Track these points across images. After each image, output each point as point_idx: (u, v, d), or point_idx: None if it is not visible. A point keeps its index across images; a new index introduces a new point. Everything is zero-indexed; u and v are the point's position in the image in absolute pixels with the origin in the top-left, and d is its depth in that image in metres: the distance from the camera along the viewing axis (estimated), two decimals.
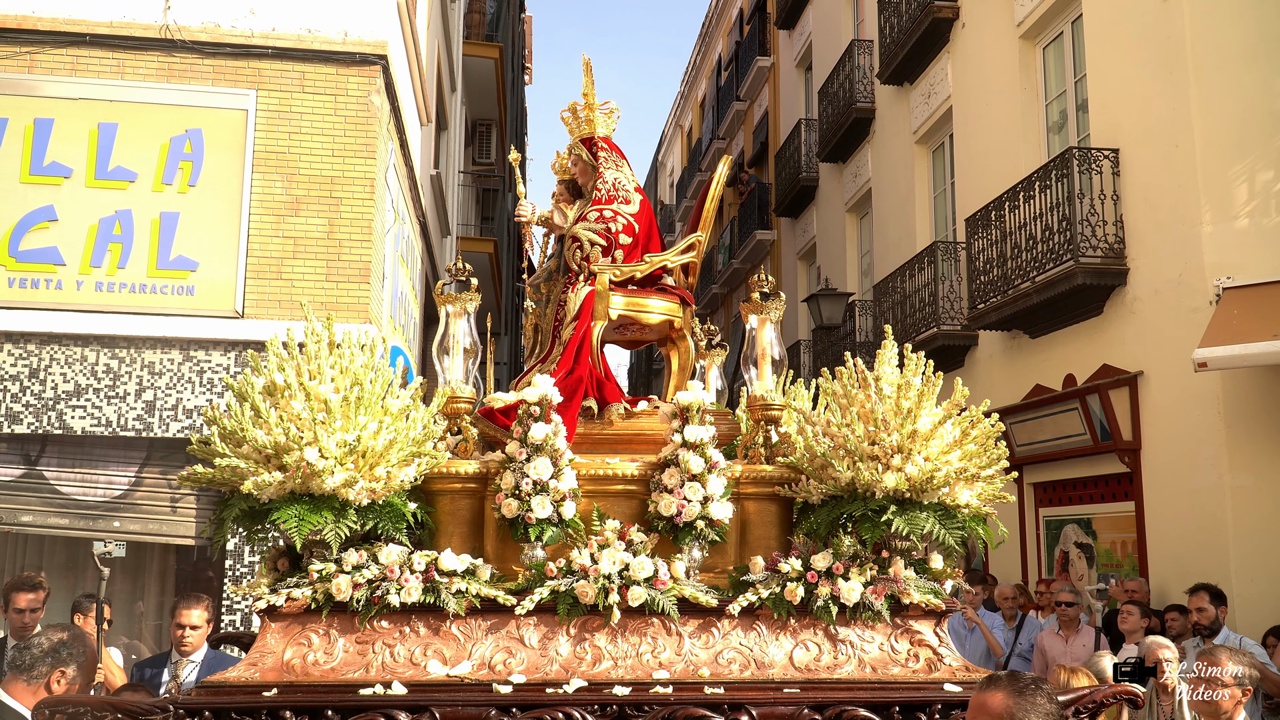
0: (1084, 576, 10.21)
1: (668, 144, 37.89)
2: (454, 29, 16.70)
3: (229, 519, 3.63)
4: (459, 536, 3.93)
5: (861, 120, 15.66)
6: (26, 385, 8.27)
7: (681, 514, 3.81)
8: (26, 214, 8.42)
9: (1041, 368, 10.60)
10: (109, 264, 8.45)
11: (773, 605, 3.73)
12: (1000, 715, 2.67)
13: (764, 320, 4.35)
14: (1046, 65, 11.28)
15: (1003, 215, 10.65)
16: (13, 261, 8.37)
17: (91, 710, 3.38)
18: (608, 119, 4.83)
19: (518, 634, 3.70)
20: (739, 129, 24.91)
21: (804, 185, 18.53)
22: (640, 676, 3.59)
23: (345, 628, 3.68)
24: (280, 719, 3.35)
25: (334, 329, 3.80)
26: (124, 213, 8.52)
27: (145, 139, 8.62)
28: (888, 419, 3.76)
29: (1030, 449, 10.83)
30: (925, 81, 13.68)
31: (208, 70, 8.84)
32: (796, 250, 19.76)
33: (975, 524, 3.83)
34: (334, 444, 3.52)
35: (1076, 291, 9.46)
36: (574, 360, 4.35)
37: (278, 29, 8.98)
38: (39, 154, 8.51)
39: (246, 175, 8.72)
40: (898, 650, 3.78)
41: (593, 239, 4.52)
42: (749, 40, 23.53)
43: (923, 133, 13.83)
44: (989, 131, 11.91)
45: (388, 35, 9.27)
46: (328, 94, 8.97)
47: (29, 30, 8.65)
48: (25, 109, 8.56)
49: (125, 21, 8.77)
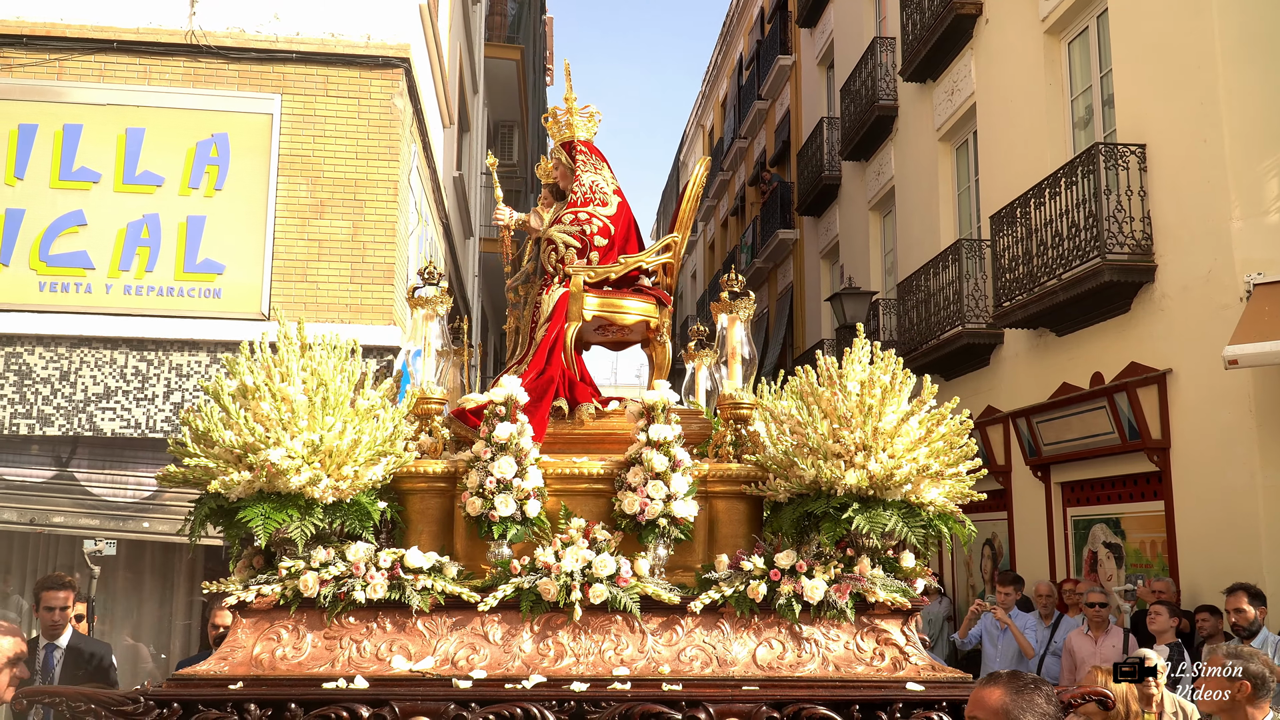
0: (1113, 577, 10.12)
1: (689, 144, 37.86)
2: (475, 31, 16.75)
3: (199, 517, 3.72)
4: (429, 535, 4.00)
5: (884, 118, 15.58)
6: (57, 388, 8.36)
7: (644, 512, 3.84)
8: (57, 219, 8.52)
9: (1068, 366, 10.51)
10: (137, 267, 8.53)
11: (735, 603, 3.75)
12: (996, 712, 2.69)
13: (733, 319, 4.40)
14: (1071, 60, 11.19)
15: (1028, 212, 10.57)
16: (43, 266, 8.46)
17: (67, 699, 3.48)
18: (588, 122, 4.88)
19: (482, 630, 3.76)
20: (761, 128, 24.85)
21: (826, 184, 18.47)
22: (601, 673, 3.62)
23: (313, 624, 3.75)
24: (245, 711, 3.42)
25: (304, 331, 3.87)
26: (151, 217, 8.60)
27: (172, 144, 8.70)
28: (849, 416, 3.75)
29: (1057, 448, 10.75)
30: (948, 78, 13.60)
31: (233, 75, 8.91)
32: (819, 249, 19.69)
33: (941, 522, 3.81)
34: (300, 444, 3.59)
35: (1103, 289, 9.37)
36: (546, 361, 4.40)
37: (301, 33, 9.04)
38: (68, 159, 8.60)
39: (271, 179, 8.78)
40: (863, 649, 3.77)
41: (567, 241, 4.57)
42: (770, 39, 23.47)
43: (946, 130, 13.75)
44: (1013, 128, 11.83)
45: (410, 38, 9.31)
46: (351, 97, 9.03)
47: (57, 37, 8.74)
48: (54, 115, 8.65)
49: (151, 28, 8.84)
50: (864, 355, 3.94)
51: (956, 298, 12.24)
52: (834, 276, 18.81)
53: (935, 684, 3.62)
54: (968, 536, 3.96)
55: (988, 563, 12.80)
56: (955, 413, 3.90)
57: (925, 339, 12.92)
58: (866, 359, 3.93)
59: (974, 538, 4.06)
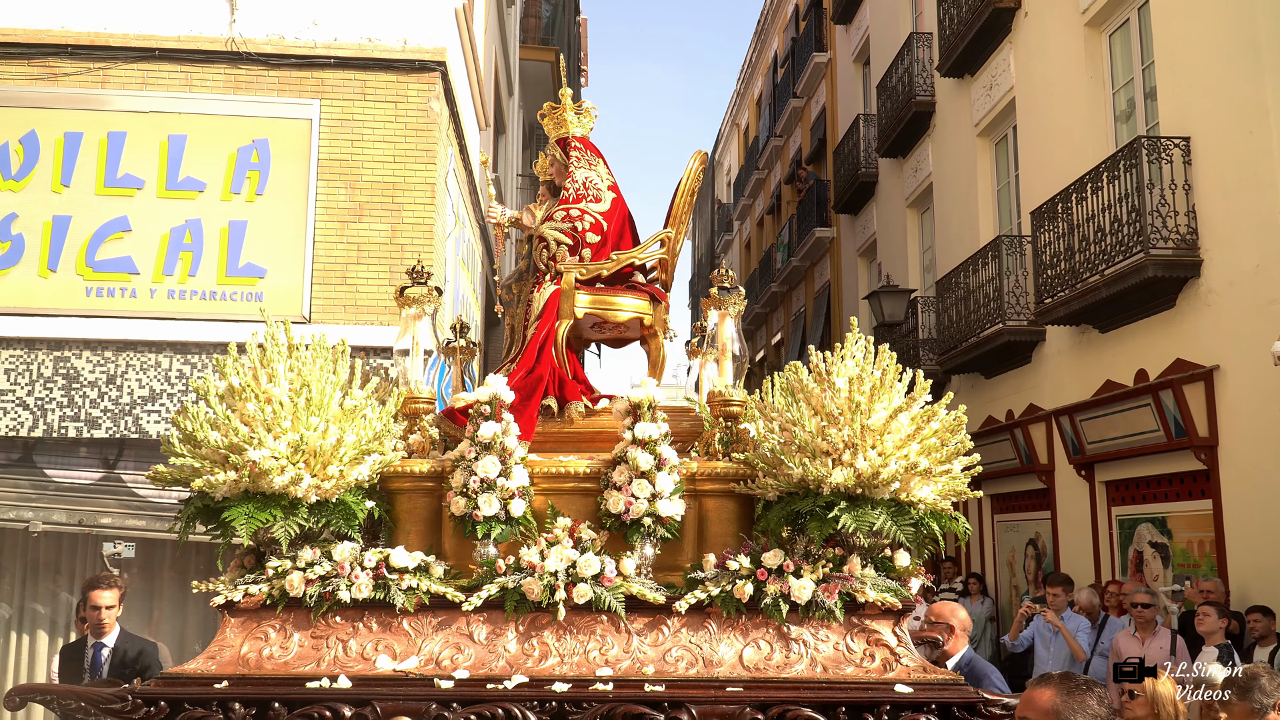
0: (1159, 577, 9.98)
1: (724, 143, 37.78)
2: (510, 33, 16.82)
3: (186, 516, 3.76)
4: (416, 534, 4.00)
5: (921, 114, 15.46)
6: (104, 391, 8.49)
7: (629, 511, 3.80)
8: (102, 225, 8.65)
9: (1112, 363, 10.37)
10: (180, 272, 8.64)
11: (721, 603, 3.71)
12: (1047, 712, 2.67)
13: (724, 315, 4.33)
14: (1113, 52, 11.05)
15: (1069, 207, 10.45)
16: (90, 271, 8.60)
17: (57, 698, 3.52)
18: (582, 118, 4.85)
19: (467, 630, 3.75)
20: (796, 126, 24.75)
21: (863, 181, 18.36)
22: (584, 673, 3.60)
23: (301, 623, 3.77)
24: (230, 710, 3.44)
25: (291, 332, 3.89)
26: (194, 222, 8.71)
27: (214, 150, 8.80)
28: (836, 413, 3.69)
29: (1101, 446, 10.61)
30: (987, 73, 13.48)
31: (273, 81, 9.00)
32: (856, 247, 19.58)
33: (932, 520, 3.74)
34: (284, 444, 3.61)
35: (1147, 284, 9.25)
36: (535, 359, 4.38)
37: (339, 39, 9.12)
38: (112, 167, 8.73)
39: (311, 183, 8.86)
40: (853, 650, 3.71)
41: (559, 238, 4.56)
42: (805, 36, 23.36)
43: (985, 125, 13.62)
44: (1054, 122, 11.70)
45: (446, 42, 9.37)
46: (388, 101, 9.09)
47: (100, 46, 8.88)
48: (98, 123, 8.79)
49: (193, 35, 8.96)
50: (856, 351, 3.86)
51: (997, 295, 12.12)
52: (871, 274, 18.70)
53: (925, 686, 3.55)
54: (964, 534, 3.91)
55: (1031, 563, 12.67)
56: (951, 408, 3.83)
57: (965, 337, 12.81)
58: (858, 355, 3.85)
59: (969, 535, 3.98)
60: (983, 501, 13.99)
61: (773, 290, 25.62)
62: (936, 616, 5.68)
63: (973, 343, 12.57)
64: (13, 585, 8.88)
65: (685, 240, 5.05)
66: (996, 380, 13.00)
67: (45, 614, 8.88)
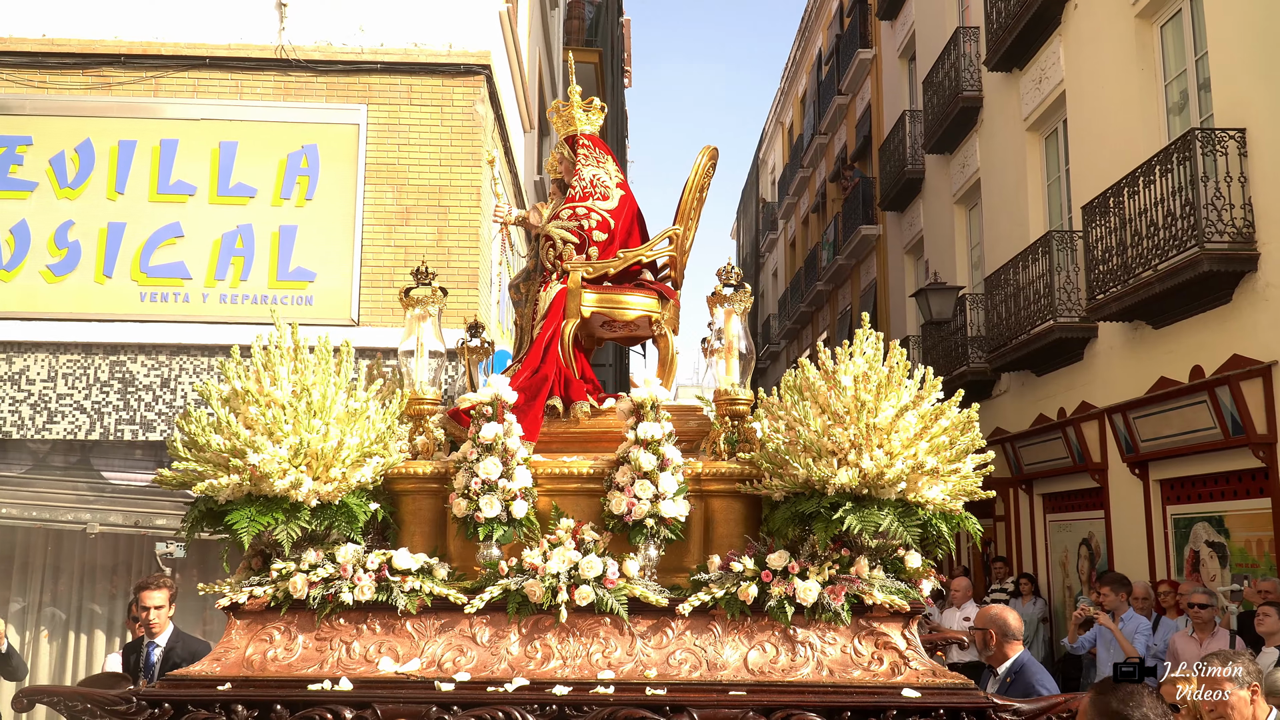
0: (1216, 577, 9.79)
1: (768, 141, 37.64)
2: (554, 35, 16.88)
3: (190, 519, 3.78)
4: (421, 536, 3.98)
5: (969, 109, 15.30)
6: (159, 394, 8.64)
7: (631, 512, 3.74)
8: (155, 231, 8.82)
9: (1166, 359, 10.19)
10: (232, 277, 8.78)
11: (726, 605, 3.64)
12: (1105, 714, 2.68)
13: (730, 313, 4.24)
14: (1164, 44, 10.86)
15: (1121, 201, 10.28)
16: (144, 277, 8.76)
17: (64, 699, 3.56)
18: (590, 116, 4.82)
19: (470, 632, 3.73)
20: (841, 123, 24.60)
21: (909, 178, 18.20)
22: (586, 676, 3.55)
23: (305, 625, 3.77)
24: (233, 712, 3.45)
25: (297, 336, 3.92)
26: (245, 227, 8.84)
27: (264, 156, 8.93)
28: (841, 412, 3.61)
29: (1156, 444, 10.43)
30: (1035, 66, 13.30)
31: (321, 87, 9.11)
32: (903, 244, 19.41)
33: (941, 521, 3.64)
34: (285, 447, 3.61)
35: (1202, 279, 9.07)
36: (541, 358, 4.33)
37: (386, 44, 9.21)
38: (165, 173, 8.89)
39: (359, 187, 8.96)
40: (861, 653, 3.63)
41: (565, 236, 4.51)
42: (849, 33, 23.21)
43: (1034, 119, 13.45)
44: (1105, 115, 11.52)
45: (490, 45, 9.43)
46: (434, 105, 9.17)
47: (153, 55, 9.04)
48: (151, 131, 8.95)
49: (242, 44, 9.09)
50: (865, 348, 3.77)
51: (1047, 291, 11.96)
52: (918, 272, 18.53)
53: (933, 690, 3.47)
54: (978, 534, 3.85)
55: (1084, 563, 12.49)
56: (963, 407, 3.72)
57: (1015, 334, 12.65)
58: (868, 353, 3.77)
59: (979, 536, 3.91)
60: (1034, 501, 13.82)
61: (818, 289, 25.48)
62: (986, 620, 5.61)
63: (1023, 340, 12.42)
64: (70, 586, 9.07)
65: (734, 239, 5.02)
66: (1048, 378, 12.83)
67: (103, 614, 9.06)
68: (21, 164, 8.87)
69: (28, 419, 8.62)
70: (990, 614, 5.61)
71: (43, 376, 8.68)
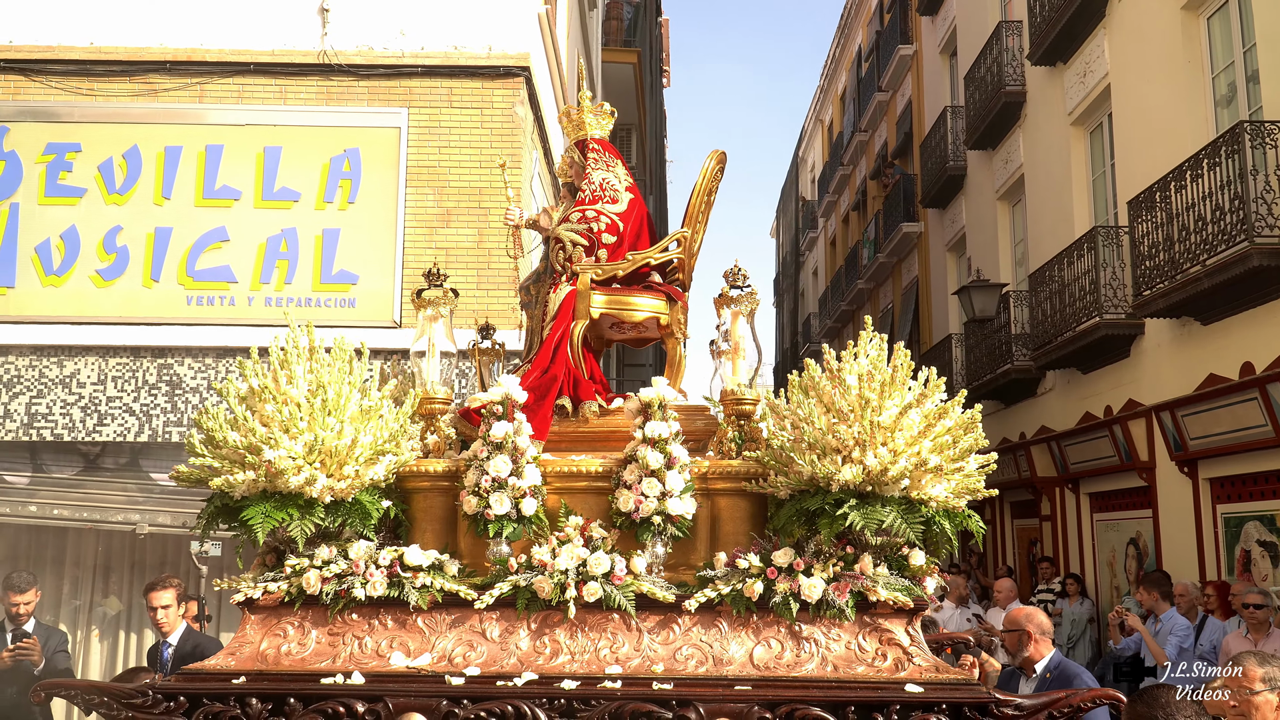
0: (1268, 576, 9.62)
1: (808, 139, 37.48)
2: (592, 36, 16.92)
3: (206, 515, 3.86)
4: (432, 533, 4.03)
5: (1011, 104, 15.14)
6: (205, 396, 8.77)
7: (639, 509, 3.78)
8: (201, 235, 8.95)
9: (1215, 356, 10.03)
10: (277, 280, 8.89)
11: (731, 602, 3.68)
12: (1142, 716, 2.69)
13: (736, 314, 4.28)
14: (1211, 36, 10.68)
15: (1168, 196, 10.13)
16: (190, 281, 8.90)
17: (80, 693, 3.63)
18: (600, 120, 4.87)
19: (480, 628, 3.77)
20: (881, 120, 24.45)
21: (951, 174, 18.05)
22: (594, 671, 3.58)
23: (318, 620, 3.82)
24: (247, 705, 3.50)
25: (313, 335, 3.96)
26: (289, 231, 8.95)
27: (307, 160, 9.04)
28: (845, 410, 3.64)
29: (1205, 442, 10.27)
30: (1080, 60, 13.14)
31: (362, 92, 9.20)
32: (945, 242, 19.25)
33: (943, 519, 3.67)
34: (300, 445, 3.66)
35: (1252, 274, 8.91)
36: (550, 359, 4.38)
37: (426, 48, 9.29)
38: (211, 179, 9.02)
39: (400, 190, 9.04)
40: (865, 649, 3.66)
41: (574, 239, 4.56)
42: (890, 29, 23.06)
43: (1078, 113, 13.29)
44: (1151, 109, 11.36)
45: (530, 47, 9.47)
46: (474, 107, 9.23)
47: (198, 62, 9.18)
48: (197, 137, 9.09)
49: (286, 50, 9.21)
50: (869, 347, 3.80)
51: (1093, 287, 11.82)
52: (961, 269, 18.37)
53: (936, 686, 3.49)
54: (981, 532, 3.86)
55: (1132, 563, 12.32)
56: (968, 406, 3.75)
57: (1060, 331, 12.51)
58: (872, 352, 3.79)
59: (983, 533, 3.92)
60: (1081, 500, 13.65)
61: (859, 287, 25.34)
62: (1012, 622, 5.53)
63: (1068, 337, 12.27)
64: (121, 585, 9.23)
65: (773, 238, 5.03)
66: (1094, 375, 12.67)
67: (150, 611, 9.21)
68: (71, 170, 9.04)
69: (78, 421, 8.78)
70: (1020, 615, 5.52)
71: (93, 380, 8.84)
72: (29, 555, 9.14)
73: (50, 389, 8.81)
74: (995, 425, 16.16)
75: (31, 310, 8.89)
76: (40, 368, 8.84)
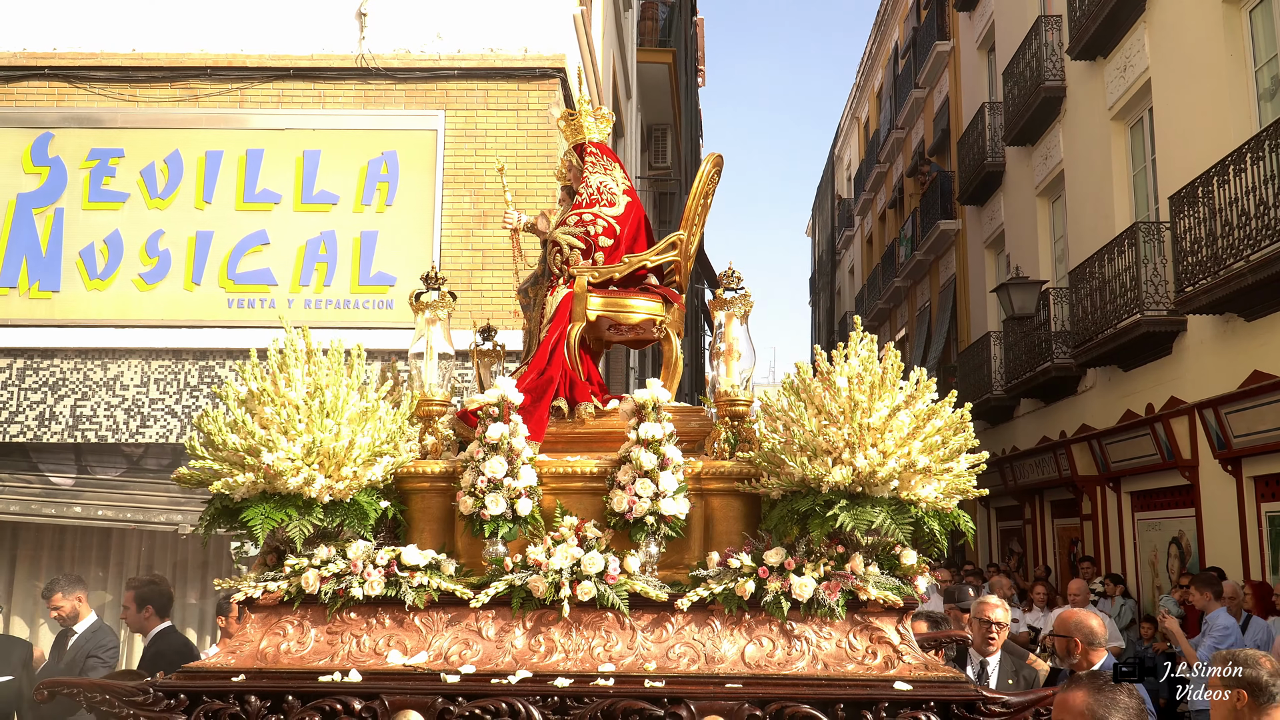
0: None
1: (844, 137, 37.30)
2: (627, 37, 16.94)
3: (207, 516, 3.90)
4: (430, 533, 4.07)
5: (1051, 99, 15.00)
6: None
7: (632, 510, 3.82)
8: (242, 239, 9.06)
9: (1260, 352, 9.88)
10: (316, 282, 8.98)
11: (724, 601, 3.73)
12: (1081, 714, 2.70)
13: (730, 316, 4.34)
14: (1254, 28, 10.52)
15: (1211, 191, 9.99)
16: (231, 284, 9.01)
17: (84, 690, 3.69)
18: (598, 124, 4.91)
19: (476, 627, 3.82)
20: (918, 117, 24.28)
21: (989, 171, 17.89)
22: (587, 669, 3.63)
23: (317, 619, 3.88)
24: (246, 703, 3.57)
25: (310, 339, 4.01)
26: (328, 233, 9.04)
27: (345, 163, 9.12)
28: (835, 412, 3.68)
29: (1249, 440, 10.12)
30: (1120, 54, 12.99)
31: (400, 95, 9.28)
32: (983, 239, 19.09)
33: (932, 519, 3.71)
34: (298, 446, 3.71)
35: None
36: (547, 361, 4.42)
37: (462, 50, 9.34)
38: (251, 183, 9.13)
39: (437, 192, 9.10)
40: (855, 647, 3.71)
41: (571, 242, 4.60)
42: (927, 25, 22.90)
43: (1119, 108, 13.13)
44: (1192, 103, 11.21)
45: (565, 49, 9.50)
46: (510, 109, 9.27)
47: (238, 67, 9.29)
48: (238, 141, 9.20)
49: (324, 54, 9.30)
50: (860, 349, 3.85)
51: (1134, 284, 11.68)
52: (1000, 266, 18.21)
53: (924, 683, 3.53)
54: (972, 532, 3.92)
55: (1174, 562, 12.16)
56: (958, 406, 3.78)
57: (1101, 328, 12.37)
58: (863, 354, 3.84)
59: (973, 533, 3.96)
60: (1122, 499, 13.49)
61: (896, 285, 25.19)
62: (1061, 627, 5.39)
63: (1109, 334, 12.13)
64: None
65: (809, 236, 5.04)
66: (1135, 373, 12.52)
67: (195, 607, 9.35)
68: (114, 176, 9.19)
69: (122, 423, 8.92)
70: (1072, 619, 5.35)
71: (136, 382, 8.97)
72: (74, 556, 9.30)
73: (94, 391, 8.96)
74: (1035, 424, 15.99)
75: (76, 314, 9.04)
76: (85, 370, 8.99)
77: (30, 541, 9.44)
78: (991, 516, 19.58)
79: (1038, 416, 15.80)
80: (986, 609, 5.84)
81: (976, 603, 6.00)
